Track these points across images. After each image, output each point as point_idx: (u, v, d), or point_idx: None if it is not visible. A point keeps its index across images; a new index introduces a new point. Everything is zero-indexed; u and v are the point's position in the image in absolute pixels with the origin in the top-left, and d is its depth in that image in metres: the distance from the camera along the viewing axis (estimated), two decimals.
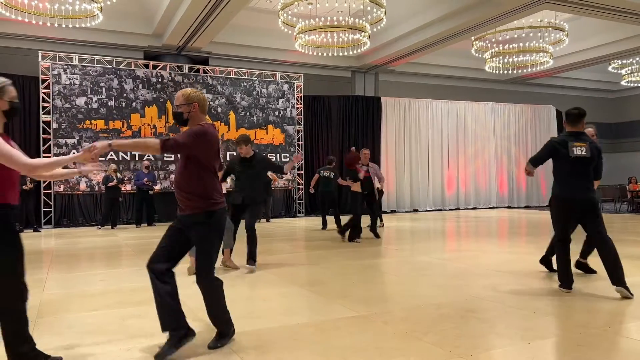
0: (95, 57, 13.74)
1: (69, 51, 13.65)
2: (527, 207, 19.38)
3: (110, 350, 3.41)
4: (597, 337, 3.55)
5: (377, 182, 10.12)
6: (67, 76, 13.28)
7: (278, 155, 15.63)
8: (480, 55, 15.69)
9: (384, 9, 11.70)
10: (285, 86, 15.89)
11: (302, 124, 16.15)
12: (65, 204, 13.46)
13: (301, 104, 16.15)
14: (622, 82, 19.49)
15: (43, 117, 13.10)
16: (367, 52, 15.72)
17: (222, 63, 15.54)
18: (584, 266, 5.85)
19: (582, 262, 5.86)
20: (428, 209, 17.96)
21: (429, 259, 7.20)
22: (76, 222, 13.47)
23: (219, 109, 14.92)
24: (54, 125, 13.12)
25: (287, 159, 15.78)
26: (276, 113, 15.72)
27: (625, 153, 22.15)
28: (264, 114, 15.56)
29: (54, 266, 6.99)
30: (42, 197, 13.06)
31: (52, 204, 13.20)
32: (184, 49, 14.64)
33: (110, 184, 12.37)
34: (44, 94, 13.09)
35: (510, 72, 16.70)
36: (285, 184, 15.72)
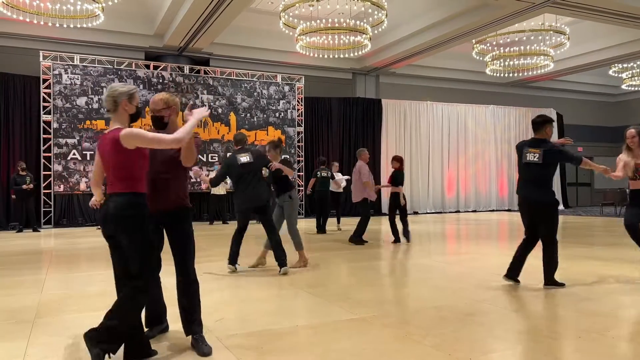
0: (96, 57, 13.75)
1: (70, 51, 13.66)
2: None
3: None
4: (596, 341, 3.54)
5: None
6: (68, 76, 13.29)
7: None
8: (481, 58, 15.70)
9: (385, 11, 11.71)
10: (286, 87, 15.90)
11: (303, 125, 16.15)
12: (65, 204, 13.45)
13: (302, 105, 16.16)
14: (623, 86, 19.50)
15: (44, 117, 13.10)
16: (368, 54, 15.74)
17: (223, 64, 15.55)
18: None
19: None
20: (428, 211, 17.96)
21: (428, 262, 7.19)
22: (76, 222, 13.47)
23: (219, 109, 14.93)
24: (55, 125, 13.13)
25: (288, 160, 15.79)
26: (277, 114, 15.73)
27: None
28: (265, 115, 15.57)
29: (53, 266, 6.98)
30: (42, 197, 13.06)
31: (52, 204, 13.20)
32: (185, 49, 14.66)
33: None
34: (44, 93, 13.10)
35: (511, 75, 16.72)
36: None
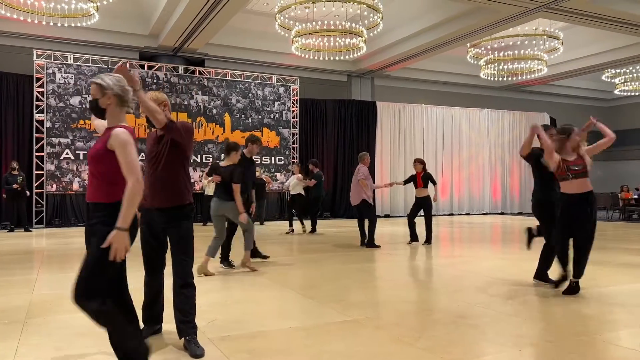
0: (90, 56, 13.68)
1: (64, 50, 13.58)
2: (520, 213, 19.44)
3: (101, 352, 3.38)
4: (588, 344, 3.56)
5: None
6: (61, 75, 13.22)
7: (273, 158, 15.62)
8: (476, 62, 15.76)
9: (380, 14, 11.74)
10: (281, 89, 15.89)
11: (298, 127, 16.15)
12: (57, 203, 13.36)
13: (297, 107, 16.16)
14: (616, 91, 19.64)
15: (37, 116, 13.02)
16: (363, 57, 15.76)
17: (218, 65, 15.53)
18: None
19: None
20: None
21: (423, 265, 7.20)
22: (68, 222, 13.38)
23: (214, 110, 14.90)
24: (48, 124, 13.05)
25: (282, 162, 15.79)
26: (272, 116, 15.71)
27: (618, 161, 22.32)
28: (260, 117, 15.55)
29: (44, 266, 6.93)
30: (34, 196, 12.96)
31: (44, 203, 13.10)
32: (180, 50, 14.62)
33: None
34: (38, 92, 13.02)
35: (505, 79, 16.79)
36: (280, 186, 15.69)
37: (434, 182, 9.73)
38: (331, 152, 16.95)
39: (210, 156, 14.74)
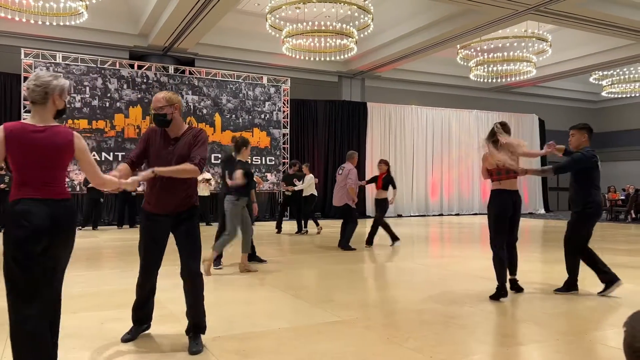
0: (79, 55, 13.57)
1: (53, 49, 13.46)
2: None
3: (88, 354, 3.36)
4: (574, 344, 3.60)
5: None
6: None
7: (264, 158, 15.59)
8: (465, 64, 15.86)
9: (371, 15, 11.78)
10: (272, 89, 15.88)
11: (288, 127, 16.14)
12: None
13: (287, 107, 16.15)
14: (603, 93, 19.85)
15: (24, 116, 12.89)
16: (354, 58, 15.79)
17: (209, 65, 15.48)
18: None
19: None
20: (412, 214, 18.06)
21: (412, 265, 7.24)
22: None
23: (204, 110, 14.85)
24: None
25: (273, 162, 15.77)
26: (262, 116, 15.69)
27: (605, 163, 22.28)
28: (250, 117, 15.52)
29: None
30: None
31: None
32: (170, 49, 14.56)
33: (90, 185, 12.21)
34: (25, 91, 12.88)
35: (495, 80, 16.91)
36: (271, 187, 15.68)
37: (394, 186, 9.49)
38: (322, 153, 16.96)
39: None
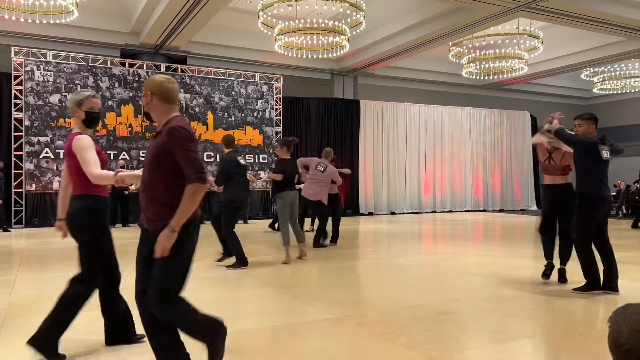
0: (70, 54, 13.48)
1: (43, 47, 13.36)
2: (502, 210, 19.69)
3: (79, 353, 3.36)
4: (566, 339, 3.63)
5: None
6: (40, 73, 13.00)
7: (256, 156, 15.57)
8: (458, 61, 15.90)
9: (363, 12, 11.77)
10: (264, 87, 15.85)
11: (281, 125, 16.12)
12: (36, 203, 13.15)
13: (280, 105, 16.13)
14: (594, 90, 19.97)
15: (15, 114, 12.79)
16: (347, 55, 15.79)
17: (201, 63, 15.42)
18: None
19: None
20: (405, 211, 18.11)
21: (404, 262, 7.26)
22: (48, 222, 13.16)
23: (196, 108, 14.80)
24: (26, 122, 12.83)
25: (266, 160, 15.76)
26: (255, 114, 15.67)
27: None
28: (243, 115, 15.49)
29: (23, 267, 6.83)
30: (13, 195, 12.75)
31: (24, 203, 12.89)
32: (162, 47, 14.48)
33: None
34: (16, 90, 12.79)
35: (487, 77, 16.97)
36: (264, 185, 15.66)
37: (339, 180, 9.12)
38: (314, 150, 16.92)
39: None
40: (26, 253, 8.25)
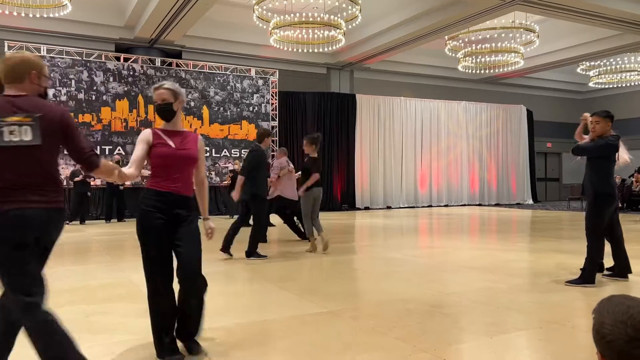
0: (64, 48, 13.40)
1: (37, 42, 13.27)
2: (498, 204, 19.74)
3: None
4: (557, 331, 3.64)
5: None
6: None
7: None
8: (454, 55, 15.88)
9: (359, 6, 11.74)
10: (260, 81, 15.80)
11: (277, 120, 16.08)
12: None
13: (276, 99, 16.09)
14: (590, 84, 19.99)
15: None
16: (342, 49, 15.75)
17: (196, 57, 15.35)
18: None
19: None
20: (401, 206, 18.14)
21: (400, 256, 7.27)
22: None
23: (192, 103, 14.75)
24: None
25: None
26: (250, 108, 15.62)
27: None
28: (238, 109, 15.44)
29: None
30: None
31: None
32: (157, 42, 14.41)
33: (76, 179, 12.12)
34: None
35: (483, 71, 16.95)
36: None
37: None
38: None
39: None
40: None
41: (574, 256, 6.85)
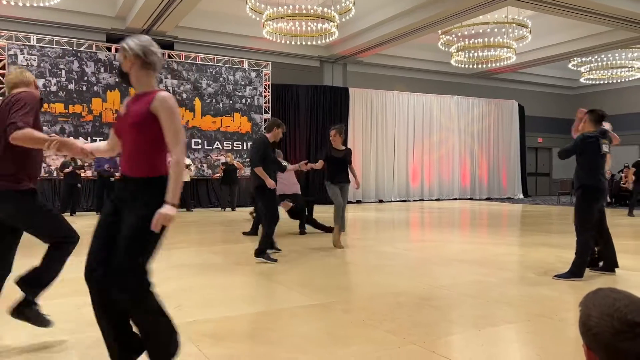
0: (54, 38, 13.25)
1: (27, 31, 13.11)
2: (489, 199, 19.86)
3: (64, 338, 3.34)
4: (545, 324, 3.69)
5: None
6: (24, 57, 12.78)
7: (245, 143, 15.50)
8: (447, 49, 15.89)
9: None
10: (253, 74, 15.73)
11: (270, 112, 16.04)
12: None
13: (268, 92, 16.03)
14: (581, 79, 20.11)
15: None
16: (336, 42, 15.70)
17: (188, 48, 15.24)
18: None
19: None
20: (393, 199, 18.19)
21: (391, 249, 7.30)
22: None
23: (184, 94, 14.67)
24: None
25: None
26: (243, 101, 15.56)
27: None
28: (231, 102, 15.37)
29: None
30: None
31: None
32: (149, 32, 14.26)
33: (66, 170, 12.03)
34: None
35: (475, 66, 16.98)
36: None
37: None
38: (303, 138, 16.91)
39: None
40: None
41: (563, 250, 6.91)
